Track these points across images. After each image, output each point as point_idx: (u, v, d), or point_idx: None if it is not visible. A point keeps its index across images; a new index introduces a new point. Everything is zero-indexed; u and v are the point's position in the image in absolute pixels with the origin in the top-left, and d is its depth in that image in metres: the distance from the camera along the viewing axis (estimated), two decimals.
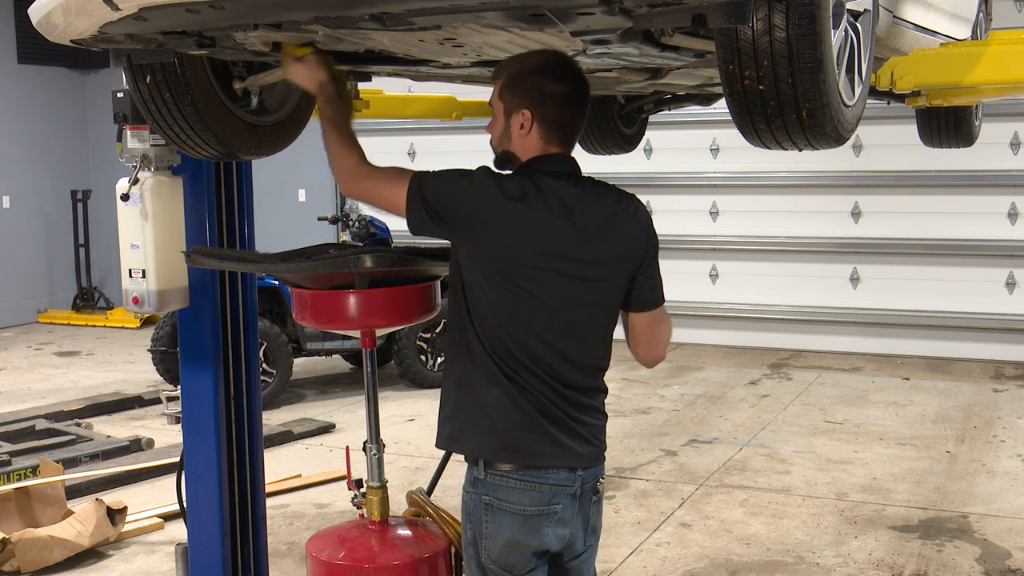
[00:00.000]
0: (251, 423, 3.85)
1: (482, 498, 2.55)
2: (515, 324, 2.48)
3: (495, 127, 2.60)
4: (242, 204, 3.80)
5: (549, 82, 2.50)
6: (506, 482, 2.53)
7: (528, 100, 2.50)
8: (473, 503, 2.57)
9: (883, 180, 9.61)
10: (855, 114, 2.34)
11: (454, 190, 2.49)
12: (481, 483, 2.55)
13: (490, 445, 2.54)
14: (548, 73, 2.50)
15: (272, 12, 2.30)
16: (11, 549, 4.77)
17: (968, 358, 9.36)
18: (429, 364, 8.61)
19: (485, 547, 2.57)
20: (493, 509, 2.54)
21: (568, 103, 2.53)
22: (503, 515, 2.54)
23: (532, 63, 2.52)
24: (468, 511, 2.59)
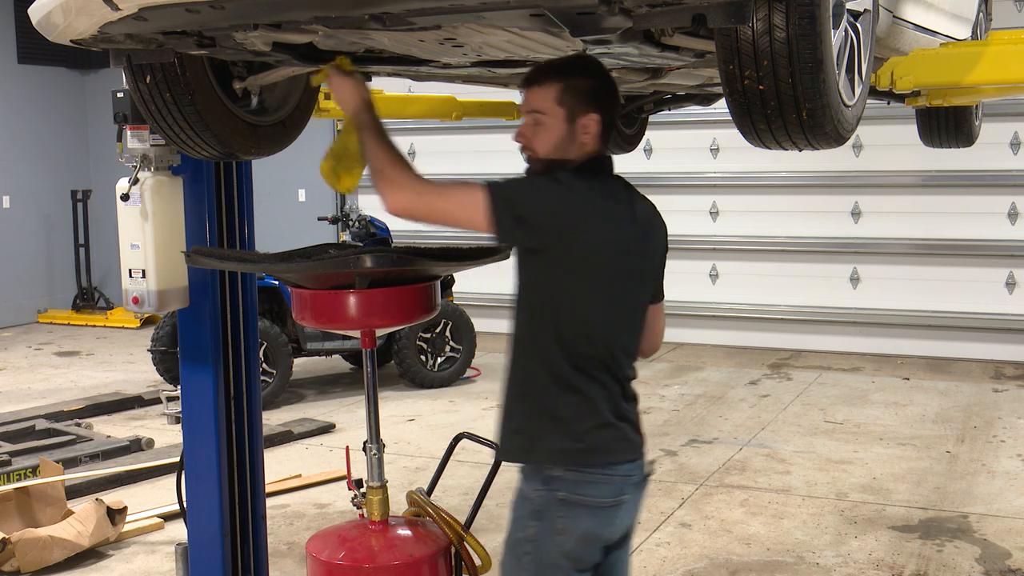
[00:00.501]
0: (251, 423, 3.85)
1: (556, 495, 2.53)
2: (599, 323, 2.55)
3: (549, 134, 2.58)
4: (242, 204, 3.80)
5: (609, 84, 2.61)
6: (585, 477, 2.54)
7: (596, 104, 2.56)
8: (544, 500, 2.54)
9: (883, 180, 9.61)
10: (855, 114, 2.35)
11: (547, 196, 2.48)
12: (557, 480, 2.54)
13: (570, 451, 2.55)
14: (606, 77, 2.61)
15: (272, 12, 2.30)
16: (11, 549, 4.77)
17: (968, 358, 9.36)
18: (429, 364, 8.61)
19: (557, 543, 2.54)
20: (569, 504, 2.54)
21: (618, 104, 2.68)
22: (580, 509, 2.54)
23: (589, 66, 2.60)
24: (536, 509, 2.55)
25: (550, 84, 2.55)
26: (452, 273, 7.80)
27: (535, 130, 2.59)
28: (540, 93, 2.56)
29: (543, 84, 2.56)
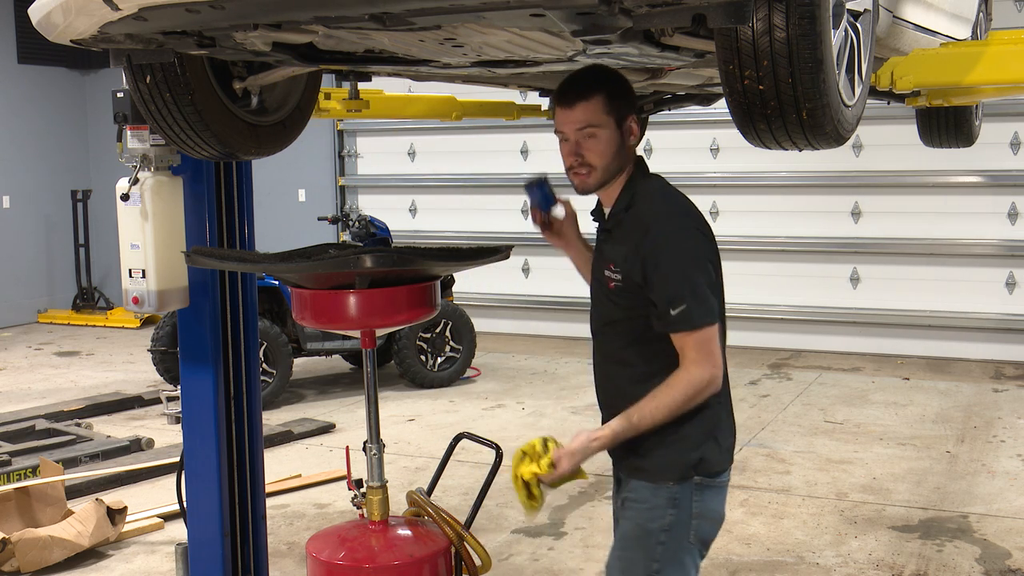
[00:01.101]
0: (251, 423, 3.85)
1: (693, 480, 2.65)
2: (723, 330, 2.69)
3: (606, 145, 2.67)
4: (242, 204, 3.80)
5: (629, 85, 2.73)
6: (716, 456, 2.70)
7: (632, 105, 2.70)
8: (682, 489, 2.65)
9: (883, 180, 9.61)
10: (855, 114, 2.35)
11: (708, 272, 2.62)
12: (695, 466, 2.65)
13: (721, 458, 2.72)
14: (625, 79, 2.73)
15: (272, 12, 2.30)
16: (11, 549, 4.77)
17: (968, 358, 9.36)
18: (429, 364, 8.61)
19: (694, 527, 2.67)
20: (703, 488, 2.67)
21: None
22: (711, 491, 2.69)
23: (612, 72, 2.70)
24: (672, 496, 2.64)
25: (596, 96, 2.63)
26: (452, 273, 7.80)
27: (590, 144, 2.66)
28: (589, 107, 2.64)
29: (590, 98, 2.63)
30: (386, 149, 11.68)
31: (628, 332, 2.69)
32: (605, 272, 2.71)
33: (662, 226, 2.61)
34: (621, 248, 2.66)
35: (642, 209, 2.67)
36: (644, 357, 2.67)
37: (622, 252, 2.65)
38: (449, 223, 11.17)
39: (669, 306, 2.54)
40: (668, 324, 2.56)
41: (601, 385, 2.86)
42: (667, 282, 2.55)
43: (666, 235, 2.59)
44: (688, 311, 2.52)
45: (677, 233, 2.60)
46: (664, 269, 2.56)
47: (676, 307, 2.53)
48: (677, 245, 2.59)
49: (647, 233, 2.60)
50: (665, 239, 2.58)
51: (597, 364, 2.86)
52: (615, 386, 2.76)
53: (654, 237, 2.59)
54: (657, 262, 2.57)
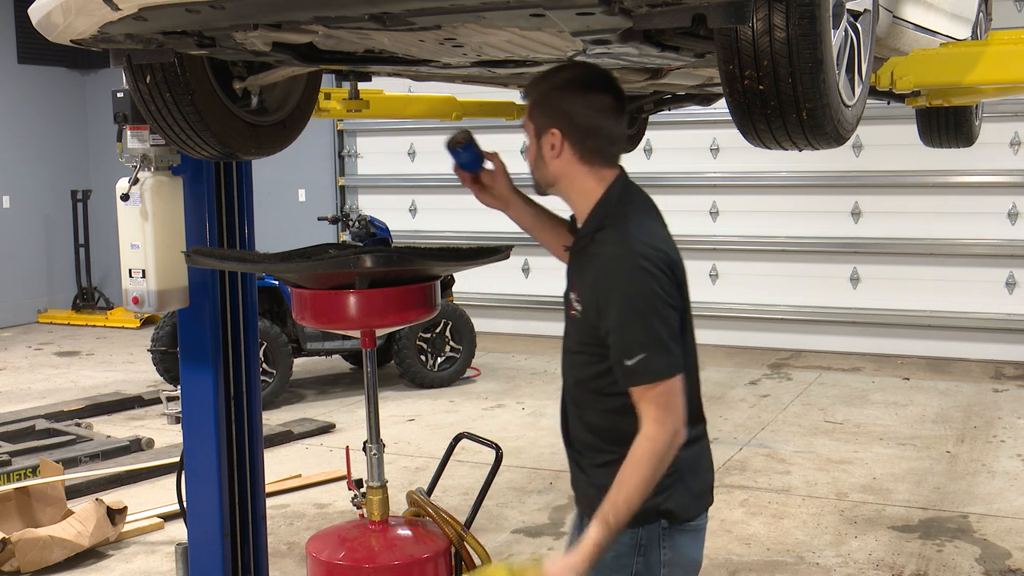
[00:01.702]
0: (251, 423, 3.85)
1: (660, 524, 2.40)
2: (692, 365, 2.46)
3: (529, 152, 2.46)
4: (242, 204, 3.80)
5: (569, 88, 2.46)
6: (686, 501, 2.45)
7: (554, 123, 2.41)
8: (648, 534, 2.39)
9: (883, 180, 9.61)
10: (855, 114, 2.35)
11: (668, 318, 2.29)
12: (660, 513, 2.39)
13: (693, 503, 2.47)
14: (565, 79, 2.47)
15: (272, 12, 2.30)
16: (11, 549, 4.77)
17: (968, 358, 9.36)
18: (429, 364, 8.61)
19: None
20: (673, 533, 2.42)
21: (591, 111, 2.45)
22: (683, 536, 2.46)
23: (560, 77, 2.45)
24: (638, 543, 2.38)
25: (529, 98, 2.45)
26: (452, 273, 7.80)
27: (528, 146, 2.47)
28: (526, 108, 2.46)
29: (526, 98, 2.46)
30: (386, 149, 11.68)
31: (592, 364, 2.39)
32: (571, 294, 2.44)
33: (618, 266, 2.27)
34: (583, 277, 2.39)
35: (606, 240, 2.33)
36: (607, 391, 2.37)
37: (583, 282, 2.38)
38: (449, 223, 11.17)
39: (625, 357, 2.25)
40: (624, 376, 2.27)
41: (564, 413, 2.56)
42: (622, 330, 2.26)
43: (621, 277, 2.26)
44: (646, 362, 2.23)
45: (636, 272, 2.25)
46: (618, 315, 2.26)
47: (632, 357, 2.24)
48: (633, 288, 2.25)
49: (601, 271, 2.31)
50: (620, 281, 2.26)
51: (563, 388, 2.56)
52: (577, 419, 2.48)
53: (608, 278, 2.28)
54: (610, 306, 2.28)
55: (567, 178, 2.41)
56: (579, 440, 2.49)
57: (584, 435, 2.47)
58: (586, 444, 2.47)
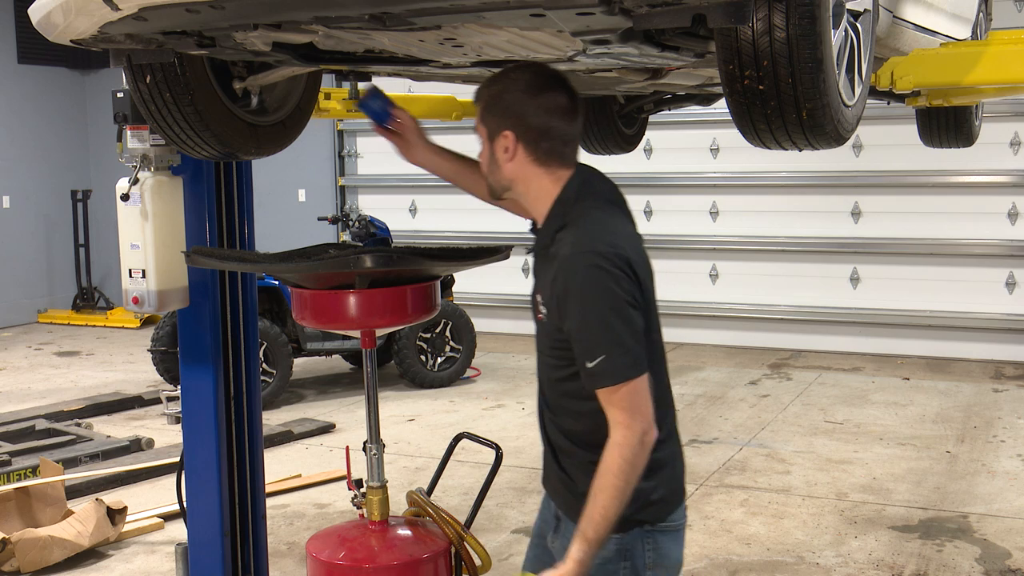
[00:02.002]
0: (251, 423, 3.85)
1: (644, 527, 2.37)
2: (660, 365, 2.41)
3: (482, 154, 2.44)
4: (242, 204, 3.80)
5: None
6: (665, 495, 2.41)
7: (508, 126, 2.40)
8: (631, 538, 2.35)
9: (883, 180, 9.61)
10: (855, 114, 2.34)
11: (630, 317, 2.24)
12: (641, 511, 2.35)
13: (670, 497, 2.43)
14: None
15: (272, 12, 2.30)
16: (11, 549, 4.77)
17: (968, 358, 9.36)
18: (429, 364, 8.61)
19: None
20: (655, 534, 2.38)
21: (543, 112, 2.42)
22: (665, 537, 2.41)
23: (512, 80, 2.43)
24: (622, 547, 2.35)
25: (479, 101, 2.44)
26: (452, 273, 7.80)
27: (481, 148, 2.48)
28: (476, 110, 2.45)
29: (476, 101, 2.45)
30: (386, 149, 11.45)
31: (561, 367, 2.36)
32: (536, 297, 2.42)
33: (575, 266, 2.23)
34: (545, 279, 2.35)
35: (565, 239, 2.29)
36: (579, 394, 2.33)
37: (545, 284, 2.35)
38: (449, 223, 11.17)
39: (586, 358, 2.21)
40: (587, 378, 2.24)
41: (540, 414, 2.53)
42: (582, 332, 2.22)
43: (579, 277, 2.22)
44: (607, 363, 2.19)
45: (593, 271, 2.21)
46: (577, 317, 2.23)
47: (593, 359, 2.20)
48: (592, 289, 2.21)
49: (560, 272, 2.26)
50: (578, 282, 2.22)
51: (538, 389, 2.53)
52: (552, 422, 2.46)
53: (567, 279, 2.24)
54: (569, 308, 2.24)
55: (522, 180, 2.41)
56: (556, 443, 2.47)
57: (560, 439, 2.45)
58: (562, 447, 2.45)
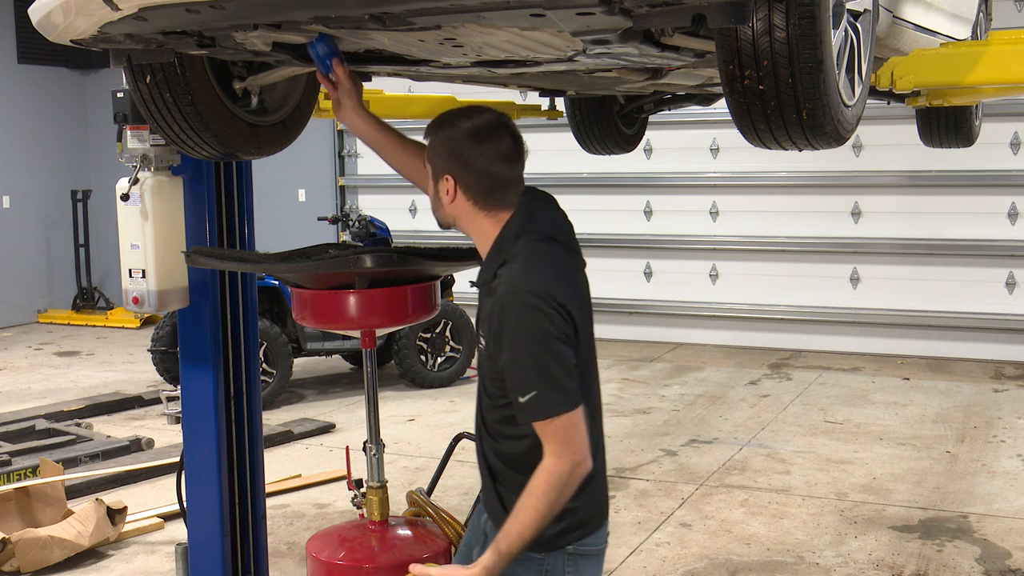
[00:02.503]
0: (251, 423, 3.85)
1: (566, 550, 2.39)
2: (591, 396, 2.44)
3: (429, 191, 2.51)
4: (242, 204, 3.80)
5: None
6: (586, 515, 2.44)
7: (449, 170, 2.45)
8: (553, 560, 2.38)
9: (883, 180, 9.61)
10: (855, 114, 2.34)
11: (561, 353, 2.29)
12: (564, 533, 2.38)
13: (593, 516, 2.47)
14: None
15: (272, 12, 2.30)
16: (11, 549, 4.77)
17: (968, 358, 9.36)
18: (429, 364, 8.61)
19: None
20: (576, 557, 2.41)
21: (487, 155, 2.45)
22: (586, 561, 2.44)
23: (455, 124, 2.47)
24: (542, 569, 2.38)
25: (427, 138, 2.50)
26: (452, 273, 7.80)
27: None
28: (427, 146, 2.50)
29: (426, 137, 2.50)
30: None
31: (500, 397, 2.39)
32: (478, 329, 2.47)
33: (510, 304, 2.28)
34: (485, 312, 2.40)
35: (503, 276, 2.35)
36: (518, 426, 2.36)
37: (483, 319, 2.40)
38: None
39: (518, 394, 2.27)
40: (520, 412, 2.28)
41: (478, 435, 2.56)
42: (514, 367, 2.27)
43: (512, 314, 2.27)
44: (539, 399, 2.24)
45: (525, 310, 2.26)
46: (510, 353, 2.28)
47: (525, 395, 2.25)
48: (524, 326, 2.26)
49: (496, 309, 2.32)
50: (511, 319, 2.27)
51: (476, 412, 2.56)
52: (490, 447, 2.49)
53: (502, 316, 2.30)
54: (503, 344, 2.29)
55: (464, 220, 2.48)
56: (492, 465, 2.49)
57: (496, 462, 2.48)
58: (498, 470, 2.48)
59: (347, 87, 2.73)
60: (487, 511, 2.56)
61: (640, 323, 10.47)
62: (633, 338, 10.34)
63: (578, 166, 9.89)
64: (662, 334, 10.48)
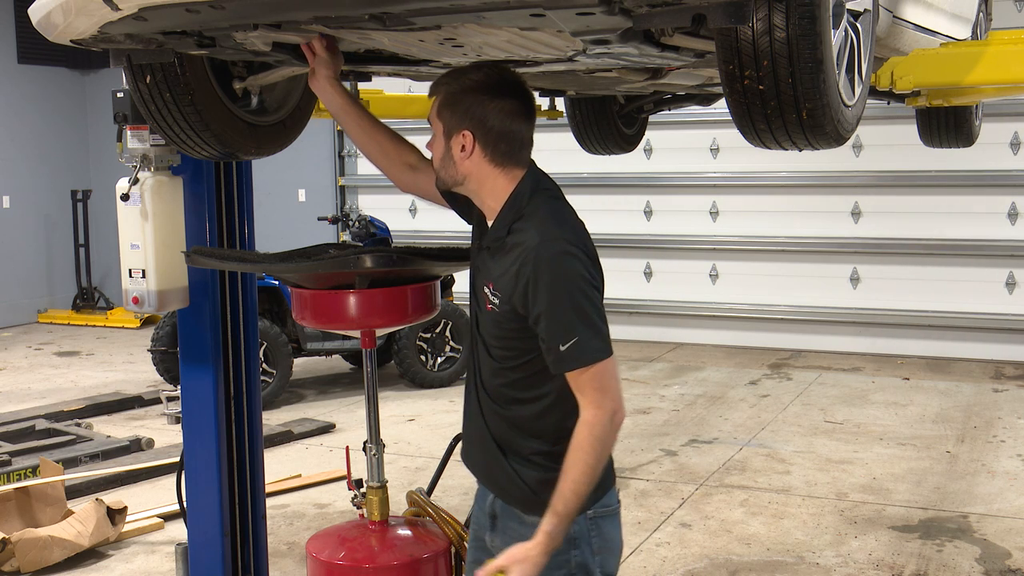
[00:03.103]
0: (251, 423, 3.85)
1: (587, 514, 2.40)
2: None
3: (435, 149, 2.46)
4: (242, 204, 3.80)
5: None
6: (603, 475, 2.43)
7: (466, 124, 2.42)
8: (578, 525, 2.38)
9: (883, 180, 9.61)
10: (855, 114, 2.34)
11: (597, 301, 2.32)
12: None
13: (609, 482, 2.48)
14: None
15: (272, 12, 2.30)
16: (11, 549, 4.77)
17: (968, 358, 9.36)
18: (429, 364, 8.61)
19: (599, 564, 2.44)
20: (597, 520, 2.44)
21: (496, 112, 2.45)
22: (606, 521, 2.46)
23: (472, 79, 2.43)
24: (570, 536, 2.35)
25: (436, 95, 2.46)
26: (452, 273, 7.80)
27: (431, 142, 2.49)
28: (432, 103, 2.46)
29: (433, 94, 2.47)
30: None
31: (512, 358, 2.39)
32: (484, 290, 2.43)
33: (544, 253, 2.27)
34: (502, 270, 2.37)
35: (526, 229, 2.34)
36: (529, 384, 2.38)
37: (503, 275, 2.36)
38: (449, 223, 11.09)
39: (558, 341, 2.24)
40: (557, 361, 2.27)
41: (477, 411, 2.53)
42: (553, 315, 2.25)
43: (549, 262, 2.26)
44: (579, 345, 2.23)
45: (562, 257, 2.27)
46: (548, 301, 2.25)
47: (566, 342, 2.24)
48: (563, 271, 2.26)
49: (527, 260, 2.29)
50: (548, 267, 2.26)
51: (476, 386, 2.53)
52: (497, 415, 2.47)
53: (536, 265, 2.27)
54: (538, 293, 2.26)
55: (476, 178, 2.44)
56: (499, 437, 2.48)
57: (505, 431, 2.46)
58: (506, 440, 2.46)
59: (324, 57, 2.70)
60: (496, 490, 2.53)
61: (640, 323, 10.47)
62: (633, 338, 10.35)
63: (578, 166, 9.88)
64: (662, 334, 10.48)
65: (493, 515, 2.55)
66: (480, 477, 2.60)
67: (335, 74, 2.73)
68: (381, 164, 2.79)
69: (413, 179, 2.76)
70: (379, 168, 2.81)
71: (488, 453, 2.51)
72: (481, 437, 2.53)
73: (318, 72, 2.71)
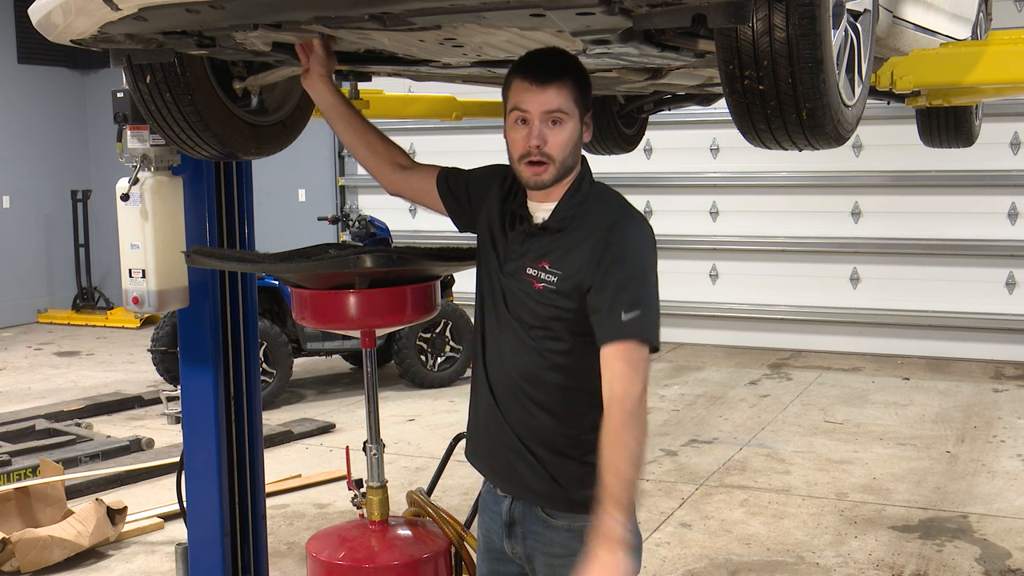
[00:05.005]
0: (251, 423, 3.85)
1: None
2: None
3: (567, 138, 2.37)
4: (242, 204, 3.80)
5: None
6: None
7: (590, 104, 2.45)
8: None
9: (883, 180, 9.61)
10: (855, 114, 2.34)
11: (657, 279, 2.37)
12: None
13: None
14: None
15: (272, 12, 2.30)
16: (11, 549, 4.77)
17: (968, 358, 9.36)
18: (429, 364, 8.61)
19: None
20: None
21: None
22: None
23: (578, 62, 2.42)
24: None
25: (568, 80, 2.34)
26: (452, 273, 7.80)
27: (554, 133, 2.34)
28: (561, 91, 2.33)
29: (563, 80, 2.34)
30: None
31: (553, 339, 2.38)
32: (528, 271, 2.39)
33: (629, 227, 2.34)
34: (564, 246, 2.36)
35: (602, 208, 2.38)
36: (565, 366, 2.38)
37: (567, 250, 2.35)
38: (449, 223, 11.13)
39: (622, 308, 2.24)
40: (614, 329, 2.24)
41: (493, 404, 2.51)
42: (627, 283, 2.27)
43: (635, 237, 2.33)
44: (641, 319, 2.24)
45: (645, 235, 2.36)
46: (626, 269, 2.28)
47: (630, 311, 2.24)
48: (645, 248, 2.34)
49: (606, 236, 2.32)
50: (631, 241, 2.32)
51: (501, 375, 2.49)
52: (520, 404, 2.43)
53: (622, 239, 2.31)
54: (615, 261, 2.29)
55: (575, 160, 2.43)
56: (524, 427, 2.43)
57: (530, 420, 2.41)
58: (532, 430, 2.41)
59: (317, 56, 2.70)
60: (515, 489, 2.46)
61: None
62: None
63: None
64: (662, 334, 10.46)
65: (511, 522, 2.49)
66: (495, 475, 2.54)
67: (328, 73, 2.73)
68: (370, 164, 2.78)
69: (402, 179, 2.76)
70: (367, 168, 2.80)
71: (508, 447, 2.45)
72: (499, 430, 2.48)
73: (311, 70, 2.71)
